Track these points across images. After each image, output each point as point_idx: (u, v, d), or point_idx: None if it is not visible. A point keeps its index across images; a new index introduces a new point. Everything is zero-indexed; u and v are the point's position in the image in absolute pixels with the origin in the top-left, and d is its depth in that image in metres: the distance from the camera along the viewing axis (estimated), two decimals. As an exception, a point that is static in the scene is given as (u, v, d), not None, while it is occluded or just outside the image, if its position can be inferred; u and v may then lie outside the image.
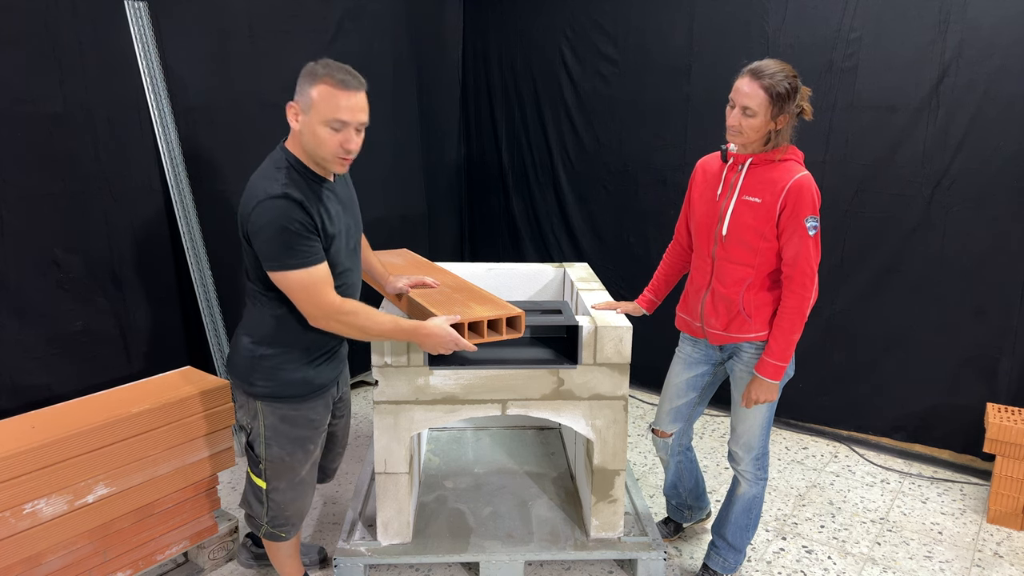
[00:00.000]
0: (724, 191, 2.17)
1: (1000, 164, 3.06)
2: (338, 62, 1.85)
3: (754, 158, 2.10)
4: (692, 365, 2.40)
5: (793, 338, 2.10)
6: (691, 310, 2.34)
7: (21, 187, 2.57)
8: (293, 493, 2.12)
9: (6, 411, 2.52)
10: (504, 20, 4.51)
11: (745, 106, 2.00)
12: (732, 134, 2.08)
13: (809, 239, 2.03)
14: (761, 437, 2.28)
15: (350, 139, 1.84)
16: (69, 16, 2.65)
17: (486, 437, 3.32)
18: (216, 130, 3.23)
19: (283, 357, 1.98)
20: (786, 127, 2.05)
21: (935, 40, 3.11)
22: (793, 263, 2.06)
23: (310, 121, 1.81)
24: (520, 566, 2.40)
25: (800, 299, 2.07)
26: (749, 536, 2.43)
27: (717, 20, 3.66)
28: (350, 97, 1.81)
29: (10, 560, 1.96)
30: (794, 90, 2.00)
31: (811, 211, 2.03)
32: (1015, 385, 3.16)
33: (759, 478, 2.34)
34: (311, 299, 1.86)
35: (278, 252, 1.81)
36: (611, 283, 4.26)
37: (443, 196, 4.80)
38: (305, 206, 1.82)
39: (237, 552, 2.56)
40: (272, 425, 2.02)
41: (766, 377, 2.13)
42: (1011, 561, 2.68)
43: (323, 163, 1.89)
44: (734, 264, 2.16)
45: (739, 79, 2.03)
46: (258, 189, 1.83)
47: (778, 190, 2.04)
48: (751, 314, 2.16)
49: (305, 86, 1.81)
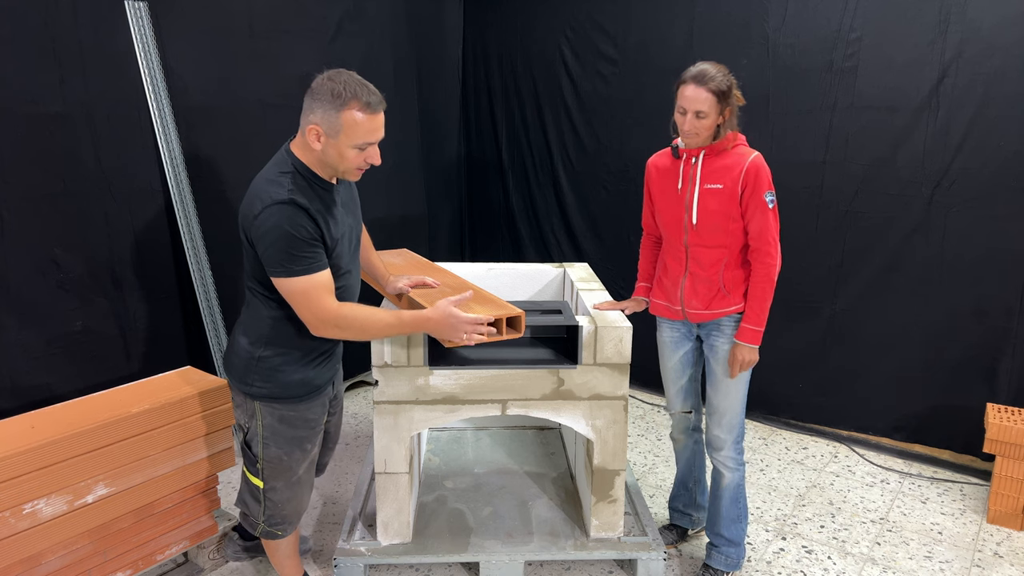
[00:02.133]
0: (684, 184, 2.31)
1: (1000, 164, 3.06)
2: (352, 74, 1.83)
3: (706, 150, 2.27)
4: (677, 345, 2.49)
5: (766, 304, 2.28)
6: (669, 295, 2.45)
7: (21, 187, 2.57)
8: (290, 492, 2.11)
9: (6, 411, 2.52)
10: (504, 20, 4.51)
11: (697, 110, 2.17)
12: (689, 136, 2.24)
13: (769, 212, 2.23)
14: (740, 414, 2.40)
15: (375, 155, 1.88)
16: (69, 16, 2.65)
17: (486, 437, 3.32)
18: (216, 130, 3.23)
19: (281, 359, 1.98)
20: (731, 117, 2.23)
21: (935, 40, 3.11)
22: (758, 235, 2.25)
23: (338, 144, 1.82)
24: (520, 566, 2.40)
25: (768, 267, 2.26)
26: (743, 527, 2.48)
27: (717, 20, 3.66)
28: (376, 119, 1.83)
29: (10, 560, 1.96)
30: (731, 85, 2.18)
31: (768, 187, 2.22)
32: (1015, 385, 3.15)
33: (739, 463, 2.43)
34: (311, 306, 1.85)
35: (282, 258, 1.80)
36: (611, 283, 4.25)
37: (443, 196, 4.80)
38: (311, 212, 1.82)
39: (224, 546, 2.53)
40: (270, 425, 2.02)
41: (747, 343, 2.29)
42: (1011, 561, 2.68)
43: (342, 175, 1.91)
44: (708, 248, 2.31)
45: (684, 87, 2.20)
46: (263, 193, 1.82)
47: (736, 174, 2.22)
48: (730, 290, 2.32)
49: (329, 110, 1.78)
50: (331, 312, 1.87)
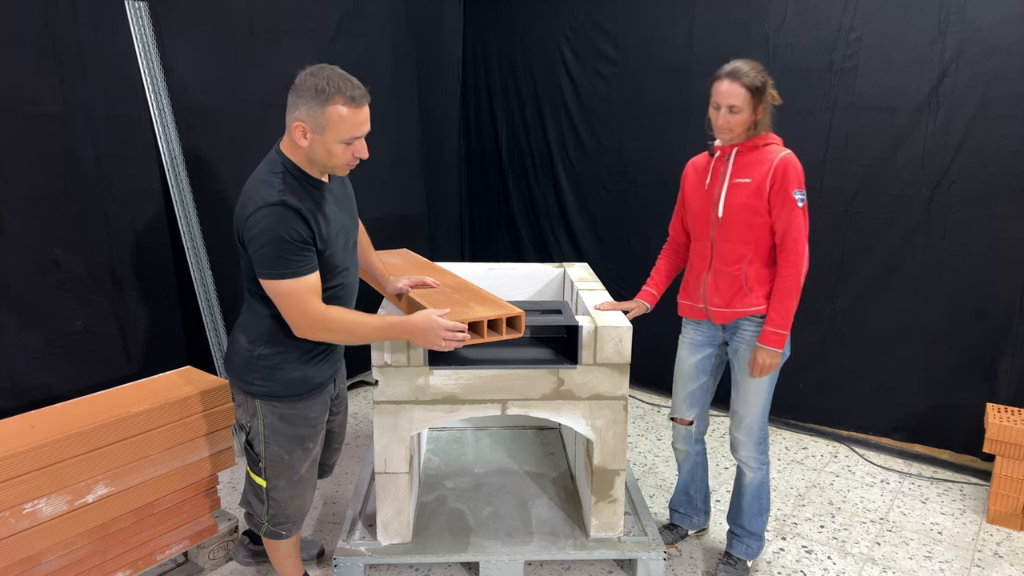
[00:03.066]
0: (714, 180, 2.32)
1: (1000, 164, 3.06)
2: (335, 68, 1.83)
3: (740, 147, 2.26)
4: (697, 348, 2.47)
5: (792, 305, 2.23)
6: (692, 294, 2.44)
7: (21, 187, 2.57)
8: (293, 491, 2.12)
9: (6, 411, 2.52)
10: (504, 20, 4.51)
11: (731, 105, 2.17)
12: (722, 132, 2.24)
13: (798, 210, 2.19)
14: (762, 419, 2.38)
15: (363, 148, 1.89)
16: (69, 16, 2.65)
17: (486, 437, 3.32)
18: (216, 130, 3.23)
19: (281, 357, 1.99)
20: (765, 115, 2.23)
21: (935, 40, 3.11)
22: (785, 234, 2.22)
23: (324, 140, 1.82)
24: (520, 566, 2.40)
25: (795, 268, 2.22)
26: (764, 520, 2.50)
27: (717, 20, 3.66)
28: (361, 113, 1.83)
29: (10, 560, 1.96)
30: (765, 83, 2.19)
31: (798, 184, 2.20)
32: (1015, 385, 3.15)
33: (762, 463, 2.42)
34: (296, 307, 1.85)
35: (271, 261, 1.81)
36: (611, 283, 4.25)
37: (443, 196, 4.80)
38: (302, 213, 1.83)
39: (235, 550, 2.56)
40: (271, 424, 2.03)
41: (769, 346, 2.25)
42: (1011, 561, 2.68)
43: (332, 171, 1.92)
44: (733, 243, 2.29)
45: (718, 83, 2.19)
46: (255, 194, 1.83)
47: (765, 169, 2.21)
48: (752, 288, 2.29)
49: (314, 105, 1.78)
50: (318, 313, 1.87)
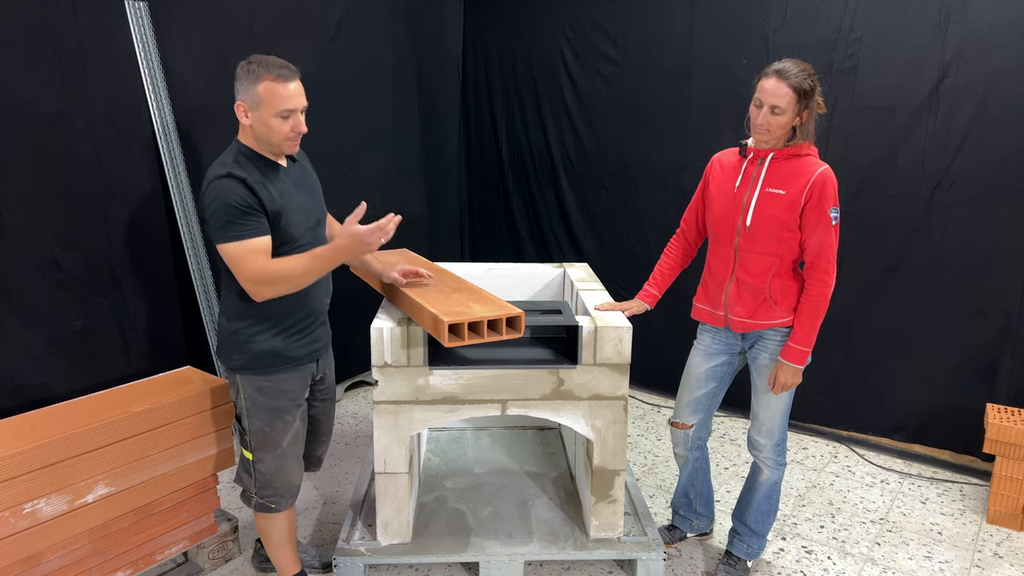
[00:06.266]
0: (744, 184, 2.23)
1: (1000, 164, 3.06)
2: (268, 56, 1.98)
3: (776, 153, 2.16)
4: (711, 355, 2.42)
5: (817, 323, 2.19)
6: (713, 300, 2.37)
7: (21, 187, 2.57)
8: (276, 464, 2.19)
9: (6, 411, 2.52)
10: (504, 20, 4.51)
11: (774, 105, 2.07)
12: (760, 132, 2.13)
13: (832, 228, 2.13)
14: (782, 423, 2.35)
15: (300, 123, 2.00)
16: (69, 16, 2.65)
17: (486, 437, 3.32)
18: (216, 130, 3.23)
19: (251, 329, 2.07)
20: (808, 122, 2.13)
21: (935, 40, 3.11)
22: (817, 252, 2.16)
23: (261, 116, 1.96)
24: (520, 566, 2.40)
25: (824, 285, 2.17)
26: (770, 521, 2.48)
27: (717, 20, 3.66)
28: (289, 87, 1.95)
29: (10, 560, 1.96)
30: (813, 87, 2.08)
31: (834, 202, 2.13)
32: (1015, 385, 3.15)
33: (780, 464, 2.40)
34: (242, 269, 1.92)
35: (221, 226, 1.92)
36: (611, 283, 4.25)
37: (443, 196, 4.80)
38: (248, 183, 1.93)
39: (252, 557, 2.60)
40: (251, 396, 2.12)
41: (792, 363, 2.21)
42: (1011, 561, 2.68)
43: (277, 148, 2.02)
44: (758, 254, 2.22)
45: (764, 80, 2.09)
46: (209, 175, 1.98)
47: (803, 183, 2.12)
48: (777, 301, 2.24)
49: (248, 85, 1.94)
50: (262, 271, 1.93)
